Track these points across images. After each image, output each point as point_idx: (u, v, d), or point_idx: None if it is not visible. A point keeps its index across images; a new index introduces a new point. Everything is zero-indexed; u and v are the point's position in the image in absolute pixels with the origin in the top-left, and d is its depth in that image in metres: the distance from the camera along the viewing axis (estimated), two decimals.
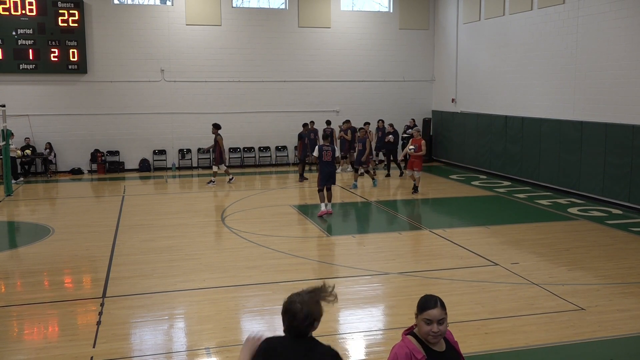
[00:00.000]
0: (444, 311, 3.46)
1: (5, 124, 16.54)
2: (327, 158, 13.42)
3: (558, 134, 16.37)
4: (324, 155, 13.45)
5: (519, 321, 7.41)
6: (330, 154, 13.41)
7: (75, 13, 20.06)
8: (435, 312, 3.44)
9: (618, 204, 14.45)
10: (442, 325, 3.45)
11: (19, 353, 6.67)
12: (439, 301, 3.48)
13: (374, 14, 23.12)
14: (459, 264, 9.86)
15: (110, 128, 21.03)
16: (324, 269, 9.81)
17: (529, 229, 12.39)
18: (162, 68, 21.18)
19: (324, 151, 13.46)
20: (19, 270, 9.92)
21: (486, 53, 20.11)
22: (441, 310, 3.45)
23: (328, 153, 13.42)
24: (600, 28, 14.99)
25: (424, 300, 3.51)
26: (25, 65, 19.83)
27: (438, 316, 3.44)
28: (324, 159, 13.44)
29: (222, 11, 21.47)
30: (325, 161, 13.45)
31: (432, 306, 3.46)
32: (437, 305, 3.46)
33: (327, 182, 13.49)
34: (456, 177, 19.63)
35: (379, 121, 20.53)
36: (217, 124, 18.12)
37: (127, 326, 7.41)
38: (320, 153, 13.51)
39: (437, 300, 3.49)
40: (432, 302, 3.48)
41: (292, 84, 22.42)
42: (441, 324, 3.45)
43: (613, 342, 6.89)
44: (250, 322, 7.59)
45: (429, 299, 3.51)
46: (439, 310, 3.45)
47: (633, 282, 8.97)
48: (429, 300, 3.50)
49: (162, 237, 11.87)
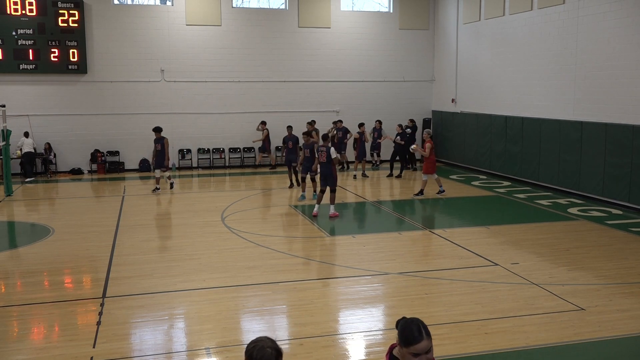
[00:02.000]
0: (429, 339, 3.14)
1: (5, 124, 16.54)
2: (322, 159, 13.48)
3: (558, 134, 16.37)
4: (319, 156, 13.56)
5: (519, 321, 7.41)
6: (324, 155, 13.44)
7: (75, 13, 20.06)
8: (423, 345, 3.11)
9: (618, 204, 14.45)
10: (429, 354, 3.14)
11: (19, 353, 6.67)
12: (423, 331, 3.14)
13: (374, 14, 23.12)
14: (459, 264, 9.86)
15: (110, 128, 21.03)
16: (324, 269, 9.81)
17: (529, 229, 12.39)
18: (162, 68, 21.19)
19: (320, 151, 13.56)
20: (19, 270, 9.92)
21: (486, 53, 20.11)
22: (428, 341, 3.12)
23: (323, 154, 13.47)
24: (600, 28, 14.99)
25: (408, 333, 3.14)
26: (25, 65, 19.83)
27: (426, 348, 3.12)
28: (320, 160, 13.55)
29: (222, 11, 21.48)
30: (320, 162, 13.57)
31: (419, 339, 3.11)
32: (423, 337, 3.12)
33: (323, 182, 13.55)
34: (456, 177, 19.63)
35: (377, 122, 20.66)
36: (158, 127, 17.07)
37: (127, 326, 7.41)
38: (317, 153, 13.70)
39: (421, 329, 3.15)
40: (417, 333, 3.12)
41: (292, 84, 22.43)
42: (428, 353, 3.13)
43: (613, 342, 6.89)
44: (250, 322, 7.59)
45: (412, 331, 3.14)
46: (427, 342, 3.12)
47: (633, 282, 8.97)
48: (413, 331, 3.14)
49: (162, 237, 11.88)
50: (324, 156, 13.43)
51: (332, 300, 8.41)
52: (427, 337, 3.13)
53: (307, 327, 7.29)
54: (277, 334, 7.29)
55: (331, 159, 13.35)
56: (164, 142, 16.80)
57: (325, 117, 22.36)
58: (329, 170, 13.46)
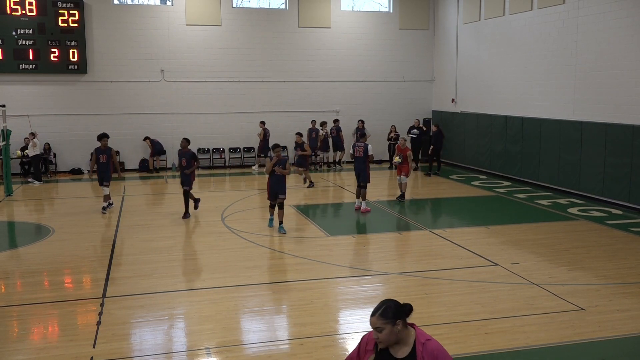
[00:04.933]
0: (381, 320, 3.45)
1: (5, 124, 16.54)
2: (358, 154, 14.08)
3: (558, 134, 16.37)
4: (355, 151, 14.19)
5: (519, 321, 7.41)
6: (362, 150, 13.99)
7: (75, 13, 20.06)
8: (371, 320, 3.49)
9: (618, 204, 14.45)
10: (381, 334, 3.46)
11: (19, 353, 6.67)
12: (379, 310, 3.49)
13: (374, 14, 23.11)
14: (459, 264, 9.86)
15: (110, 128, 20.93)
16: (324, 269, 9.81)
17: (529, 229, 12.39)
18: (162, 68, 21.18)
19: (356, 147, 14.17)
20: (19, 270, 9.92)
21: (486, 53, 20.11)
22: (377, 320, 3.46)
23: (360, 149, 14.05)
24: (600, 28, 14.99)
25: (375, 306, 3.55)
26: (25, 65, 19.83)
27: (373, 324, 3.47)
28: (356, 155, 14.17)
29: (222, 11, 21.47)
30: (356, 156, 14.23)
31: (372, 314, 3.50)
32: (374, 314, 3.49)
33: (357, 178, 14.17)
34: (456, 177, 19.63)
35: (359, 121, 21.01)
36: (106, 134, 14.36)
37: (127, 326, 7.41)
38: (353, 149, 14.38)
39: (378, 308, 3.50)
40: (375, 309, 3.51)
41: (292, 84, 22.42)
42: (379, 332, 3.46)
43: (613, 342, 6.89)
44: (250, 322, 7.59)
45: (376, 307, 3.54)
46: (375, 319, 3.47)
47: (633, 282, 8.97)
48: (376, 307, 3.53)
49: (162, 237, 11.87)
50: (360, 151, 14.01)
51: (332, 300, 8.40)
52: (379, 317, 3.45)
53: (307, 327, 7.29)
54: (277, 334, 7.29)
55: (367, 155, 13.93)
56: (112, 154, 14.16)
57: (325, 117, 22.37)
58: (363, 166, 14.03)
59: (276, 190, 12.07)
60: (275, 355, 6.60)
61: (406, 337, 3.53)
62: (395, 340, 3.50)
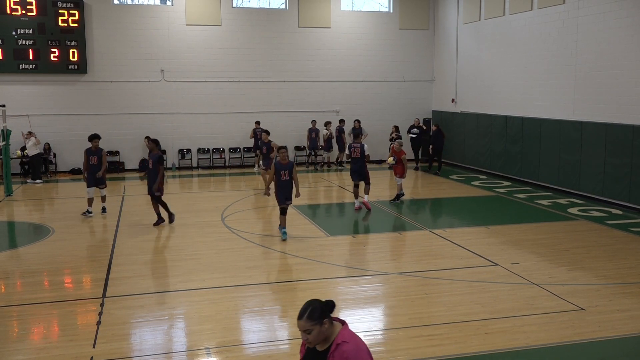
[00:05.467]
0: (309, 323, 3.52)
1: (5, 124, 16.54)
2: (355, 155, 14.08)
3: (558, 134, 16.37)
4: (352, 152, 14.25)
5: (519, 321, 7.41)
6: (358, 151, 14.05)
7: (75, 13, 20.07)
8: (299, 323, 3.56)
9: (618, 204, 14.45)
10: (310, 335, 3.55)
11: (19, 353, 6.67)
12: (305, 312, 3.55)
13: (374, 14, 23.11)
14: (459, 264, 9.86)
15: (110, 128, 21.01)
16: (324, 269, 9.80)
17: (529, 229, 12.39)
18: (162, 68, 21.19)
19: (353, 148, 14.21)
20: (19, 270, 9.92)
21: (486, 53, 20.10)
22: (305, 323, 3.53)
23: (356, 150, 14.08)
24: (600, 28, 14.99)
25: (301, 309, 3.59)
26: (25, 65, 19.83)
27: (302, 327, 3.55)
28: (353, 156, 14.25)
29: (222, 11, 21.47)
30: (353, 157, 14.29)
31: (299, 317, 3.57)
32: (301, 318, 3.55)
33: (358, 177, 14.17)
34: (456, 177, 19.63)
35: (355, 121, 21.07)
36: (97, 135, 14.10)
37: (127, 326, 7.41)
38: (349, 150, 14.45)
39: (304, 310, 3.56)
40: (301, 312, 3.57)
41: (292, 84, 22.43)
42: (308, 334, 3.54)
43: (613, 342, 6.89)
44: (250, 322, 7.59)
45: (301, 310, 3.58)
46: (303, 322, 3.54)
47: (633, 282, 8.97)
48: (301, 309, 3.58)
49: (162, 237, 11.88)
50: (357, 152, 14.06)
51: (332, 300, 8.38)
52: (306, 319, 3.52)
53: None
54: (277, 334, 7.29)
55: (364, 155, 14.05)
56: (102, 155, 13.94)
57: (325, 117, 22.38)
58: (362, 166, 14.10)
59: (285, 195, 11.70)
60: (275, 355, 6.60)
61: (331, 333, 3.64)
62: (323, 338, 3.62)
